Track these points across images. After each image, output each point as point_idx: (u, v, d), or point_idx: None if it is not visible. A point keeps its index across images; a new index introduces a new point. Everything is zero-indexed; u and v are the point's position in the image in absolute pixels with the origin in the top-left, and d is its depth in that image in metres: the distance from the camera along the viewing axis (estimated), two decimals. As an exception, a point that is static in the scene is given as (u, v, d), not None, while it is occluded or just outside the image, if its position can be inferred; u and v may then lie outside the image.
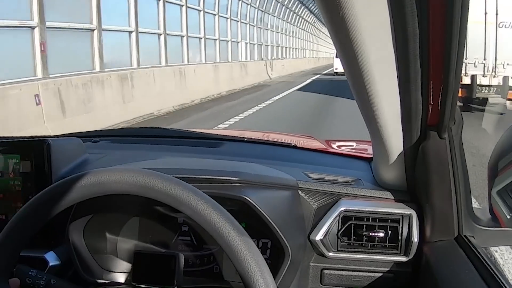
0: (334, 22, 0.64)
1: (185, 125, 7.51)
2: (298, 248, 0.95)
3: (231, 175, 0.95)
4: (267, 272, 0.66)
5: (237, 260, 0.66)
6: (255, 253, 0.67)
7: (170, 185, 0.70)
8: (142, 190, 0.71)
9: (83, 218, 0.93)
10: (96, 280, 0.96)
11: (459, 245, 0.90)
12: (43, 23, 6.61)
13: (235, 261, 0.67)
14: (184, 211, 0.70)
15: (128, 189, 0.71)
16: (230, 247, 0.67)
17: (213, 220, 0.68)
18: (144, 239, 1.01)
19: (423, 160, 0.86)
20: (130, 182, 0.71)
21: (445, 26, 0.63)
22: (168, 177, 0.71)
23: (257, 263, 0.66)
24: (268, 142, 1.57)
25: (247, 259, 0.66)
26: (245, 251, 0.66)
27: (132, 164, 0.99)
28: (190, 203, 0.69)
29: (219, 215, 0.68)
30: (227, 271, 0.98)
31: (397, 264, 0.98)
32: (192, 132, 1.62)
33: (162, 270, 0.86)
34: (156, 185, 0.70)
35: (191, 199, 0.69)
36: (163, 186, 0.70)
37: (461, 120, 0.83)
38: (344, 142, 1.84)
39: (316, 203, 1.03)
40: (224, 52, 16.70)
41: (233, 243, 0.67)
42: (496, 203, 0.87)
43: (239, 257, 0.66)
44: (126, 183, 0.71)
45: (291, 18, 31.42)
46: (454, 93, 0.72)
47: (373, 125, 0.83)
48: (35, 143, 1.01)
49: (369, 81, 0.71)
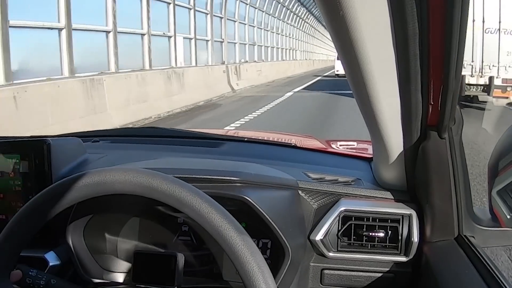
0: (334, 22, 0.64)
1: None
2: (298, 248, 0.95)
3: (231, 175, 0.95)
4: (270, 278, 0.67)
5: (240, 264, 0.67)
6: (258, 258, 0.67)
7: (174, 187, 0.70)
8: (146, 191, 0.71)
9: (83, 218, 0.93)
10: (96, 280, 0.96)
11: (459, 245, 0.89)
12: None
13: (238, 265, 0.67)
14: (187, 213, 0.70)
15: (132, 190, 0.71)
16: (233, 250, 0.67)
17: (216, 223, 0.68)
18: (144, 239, 1.01)
19: (423, 160, 0.86)
20: (134, 182, 0.71)
21: (445, 26, 0.63)
22: (173, 178, 0.71)
23: (259, 268, 0.66)
24: (268, 142, 1.57)
25: (250, 263, 0.66)
26: (248, 255, 0.66)
27: (132, 164, 0.99)
28: (193, 205, 0.69)
29: (222, 218, 0.68)
30: (227, 271, 0.98)
31: (397, 264, 0.98)
32: (192, 132, 1.62)
33: (162, 270, 0.86)
34: (160, 187, 0.70)
35: (194, 201, 0.69)
36: (167, 188, 0.70)
37: (461, 120, 0.83)
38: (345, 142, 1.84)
39: (316, 203, 1.03)
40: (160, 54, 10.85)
41: (236, 247, 0.67)
42: (496, 203, 0.87)
43: (241, 261, 0.66)
44: (130, 183, 0.71)
45: (276, 10, 25.19)
46: (454, 93, 0.72)
47: (373, 125, 0.83)
48: (35, 143, 1.01)
49: (369, 81, 0.71)
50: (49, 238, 0.96)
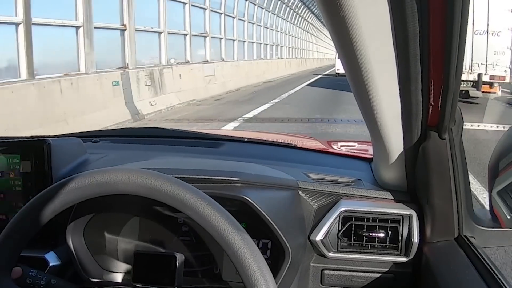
0: (334, 22, 0.64)
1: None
2: (298, 249, 0.95)
3: (231, 175, 0.95)
4: (270, 278, 0.67)
5: (240, 265, 0.67)
6: (259, 259, 0.67)
7: (178, 188, 0.70)
8: (149, 191, 0.70)
9: (83, 218, 0.93)
10: (96, 280, 0.96)
11: (459, 245, 0.89)
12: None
13: (238, 266, 0.67)
14: (190, 215, 0.70)
15: (134, 190, 0.71)
16: (234, 252, 0.67)
17: (218, 225, 0.68)
18: (144, 239, 1.01)
19: (423, 161, 0.86)
20: (137, 183, 0.70)
21: (445, 26, 0.63)
22: (176, 180, 0.71)
23: (260, 269, 0.66)
24: (268, 142, 1.57)
25: (251, 264, 0.66)
26: (248, 256, 0.66)
27: (132, 164, 0.99)
28: (196, 207, 0.69)
29: (224, 221, 0.68)
30: (227, 271, 0.98)
31: (397, 265, 0.98)
32: (192, 132, 1.62)
33: (162, 270, 0.86)
34: (163, 188, 0.70)
35: (197, 203, 0.69)
36: (170, 189, 0.70)
37: (461, 120, 0.83)
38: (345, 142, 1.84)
39: (316, 203, 1.02)
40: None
41: (237, 249, 0.67)
42: (496, 203, 0.87)
43: (242, 262, 0.66)
44: (133, 184, 0.71)
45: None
46: (454, 93, 0.72)
47: (373, 125, 0.83)
48: (35, 143, 1.01)
49: (370, 81, 0.71)
50: (49, 238, 0.96)
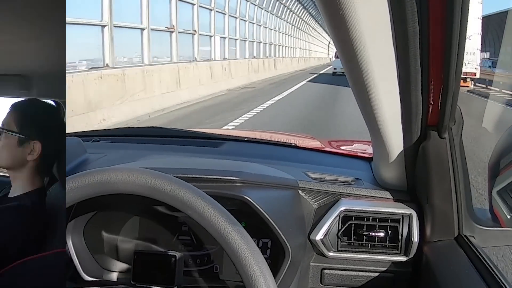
0: (334, 22, 0.64)
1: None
2: (298, 248, 0.95)
3: (231, 174, 0.94)
4: (270, 278, 0.67)
5: (240, 264, 0.66)
6: (259, 259, 0.67)
7: (178, 188, 0.69)
8: (149, 191, 0.70)
9: (83, 218, 0.93)
10: (96, 280, 0.96)
11: (459, 245, 0.89)
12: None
13: (238, 266, 0.67)
14: (190, 215, 0.69)
15: (135, 190, 0.71)
16: (234, 252, 0.67)
17: (219, 225, 0.68)
18: (144, 238, 1.01)
19: (423, 160, 0.86)
20: (137, 182, 0.70)
21: (445, 25, 0.63)
22: (176, 179, 0.71)
23: (260, 268, 0.66)
24: (268, 141, 1.57)
25: (251, 264, 0.66)
26: (248, 256, 0.66)
27: (132, 164, 0.99)
28: (196, 207, 0.68)
29: (225, 221, 0.68)
30: (226, 271, 0.98)
31: (397, 264, 0.98)
32: (192, 131, 1.62)
33: (162, 270, 0.86)
34: (163, 187, 0.69)
35: (198, 203, 0.69)
36: (171, 189, 0.69)
37: (461, 120, 0.83)
38: (345, 141, 1.84)
39: (316, 202, 1.02)
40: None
41: (237, 249, 0.67)
42: (496, 203, 0.87)
43: (242, 261, 0.66)
44: (134, 183, 0.70)
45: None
46: (454, 93, 0.72)
47: (373, 124, 0.83)
48: None
49: (369, 80, 0.71)
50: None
